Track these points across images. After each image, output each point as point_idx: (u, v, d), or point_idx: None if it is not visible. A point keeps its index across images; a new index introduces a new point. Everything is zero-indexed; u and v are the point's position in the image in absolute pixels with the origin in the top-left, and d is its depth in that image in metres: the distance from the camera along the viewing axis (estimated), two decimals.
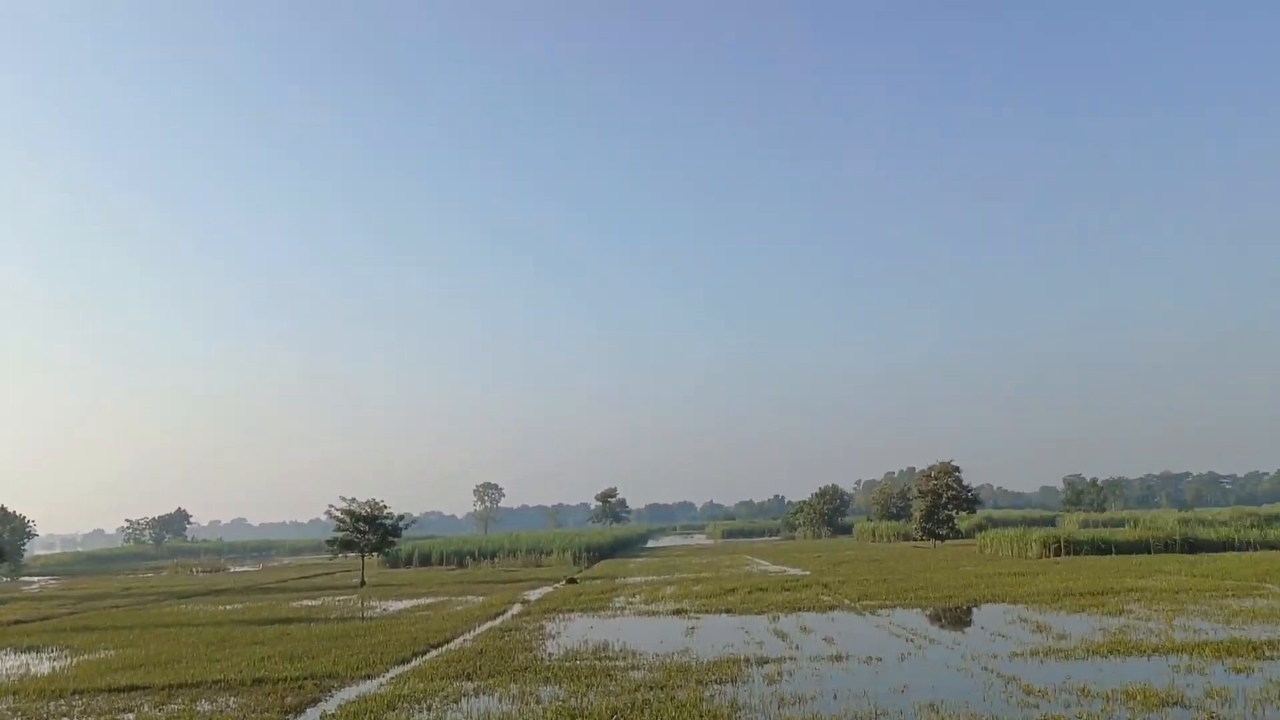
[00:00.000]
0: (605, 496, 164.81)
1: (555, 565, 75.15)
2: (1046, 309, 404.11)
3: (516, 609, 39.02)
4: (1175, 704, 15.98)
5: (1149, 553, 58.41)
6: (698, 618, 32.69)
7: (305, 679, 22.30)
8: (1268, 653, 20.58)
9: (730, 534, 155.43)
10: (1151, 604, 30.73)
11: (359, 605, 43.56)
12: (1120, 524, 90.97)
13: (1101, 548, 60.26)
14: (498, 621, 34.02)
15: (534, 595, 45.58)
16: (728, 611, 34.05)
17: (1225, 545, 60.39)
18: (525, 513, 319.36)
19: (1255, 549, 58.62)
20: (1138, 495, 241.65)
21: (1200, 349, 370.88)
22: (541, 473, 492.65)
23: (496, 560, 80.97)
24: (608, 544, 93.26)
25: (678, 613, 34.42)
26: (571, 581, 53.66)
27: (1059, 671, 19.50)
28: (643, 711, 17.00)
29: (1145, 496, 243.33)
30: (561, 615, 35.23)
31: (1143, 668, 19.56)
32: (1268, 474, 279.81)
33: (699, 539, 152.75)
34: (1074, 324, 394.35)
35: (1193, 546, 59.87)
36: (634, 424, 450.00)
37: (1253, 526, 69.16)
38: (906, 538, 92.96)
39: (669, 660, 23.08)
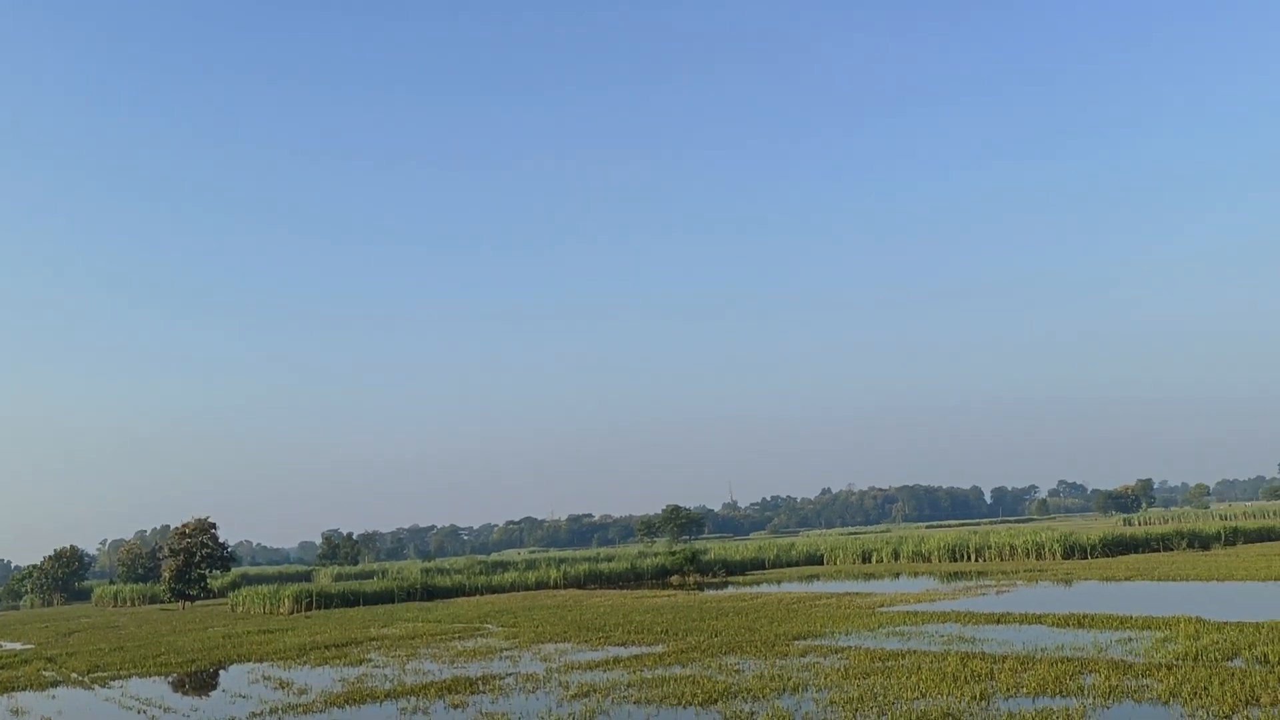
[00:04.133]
0: None
1: None
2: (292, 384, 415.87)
3: None
4: None
5: (394, 602, 62.08)
6: None
7: None
8: (482, 687, 23.03)
9: None
10: (390, 651, 32.59)
11: None
12: (371, 576, 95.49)
13: (351, 600, 62.56)
14: None
15: None
16: None
17: (458, 591, 66.65)
18: None
19: (482, 593, 65.61)
20: (389, 548, 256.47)
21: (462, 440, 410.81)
22: None
23: None
24: None
25: None
26: None
27: None
28: None
29: (396, 549, 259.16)
30: None
31: (376, 713, 20.58)
32: (497, 525, 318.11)
33: None
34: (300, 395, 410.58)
35: (431, 594, 65.04)
36: None
37: (481, 573, 77.65)
38: (154, 600, 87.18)
39: None
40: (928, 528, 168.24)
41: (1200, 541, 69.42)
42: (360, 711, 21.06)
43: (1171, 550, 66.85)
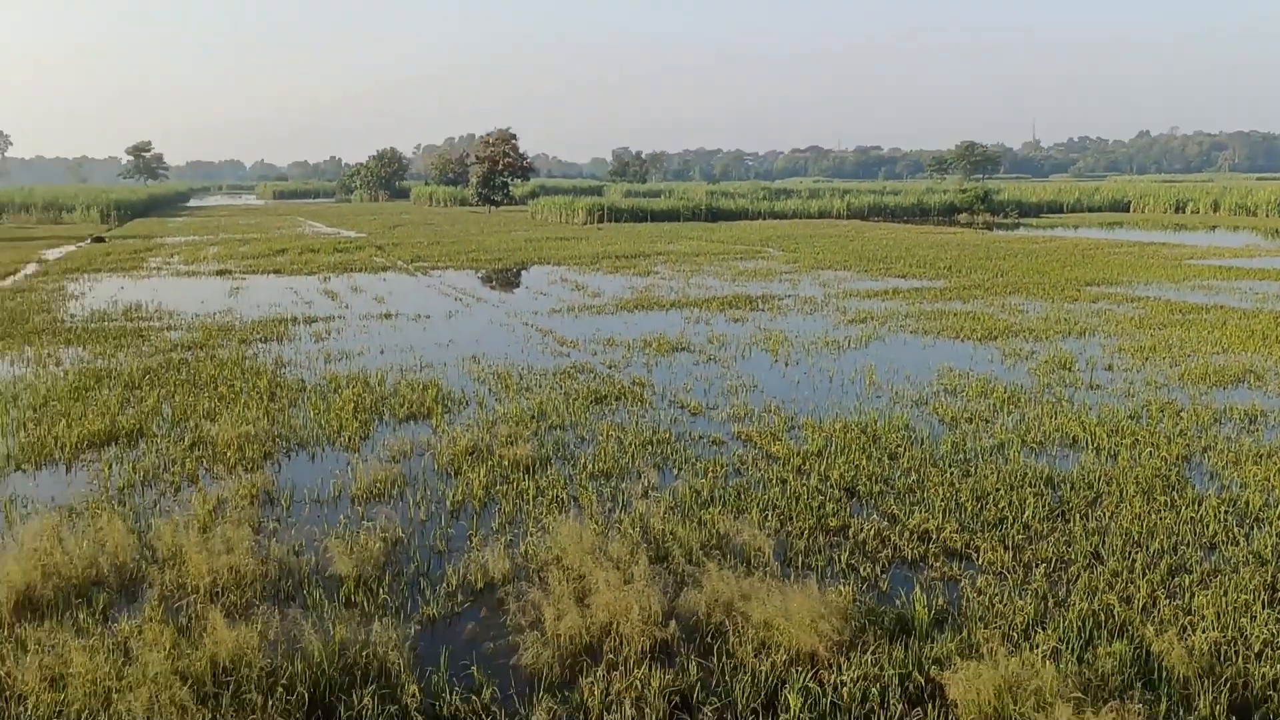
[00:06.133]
0: (138, 150, 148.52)
1: (79, 223, 67.91)
2: None
3: (32, 269, 35.14)
4: (683, 349, 18.22)
5: (679, 221, 64.28)
6: (243, 278, 31.48)
7: None
8: (761, 305, 23.91)
9: (282, 195, 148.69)
10: (675, 266, 34.17)
11: None
12: (658, 194, 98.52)
13: (639, 216, 65.35)
14: (8, 283, 30.48)
15: (53, 255, 41.16)
16: (276, 272, 33.11)
17: (741, 215, 67.90)
18: (41, 165, 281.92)
19: (764, 218, 66.55)
20: (676, 169, 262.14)
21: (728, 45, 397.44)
22: (61, 117, 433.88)
23: (4, 217, 71.48)
24: (142, 202, 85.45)
25: (221, 273, 32.91)
26: (99, 240, 49.01)
27: (590, 325, 21.35)
28: (179, 370, 16.35)
29: (682, 170, 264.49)
30: (87, 275, 32.29)
31: (661, 320, 21.94)
32: (783, 153, 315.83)
33: (248, 199, 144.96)
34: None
35: (715, 215, 66.68)
36: (169, 59, 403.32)
37: (764, 199, 78.32)
38: (463, 203, 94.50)
39: (210, 320, 22.22)
40: (1259, 179, 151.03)
41: None
42: (648, 316, 22.52)
43: None
